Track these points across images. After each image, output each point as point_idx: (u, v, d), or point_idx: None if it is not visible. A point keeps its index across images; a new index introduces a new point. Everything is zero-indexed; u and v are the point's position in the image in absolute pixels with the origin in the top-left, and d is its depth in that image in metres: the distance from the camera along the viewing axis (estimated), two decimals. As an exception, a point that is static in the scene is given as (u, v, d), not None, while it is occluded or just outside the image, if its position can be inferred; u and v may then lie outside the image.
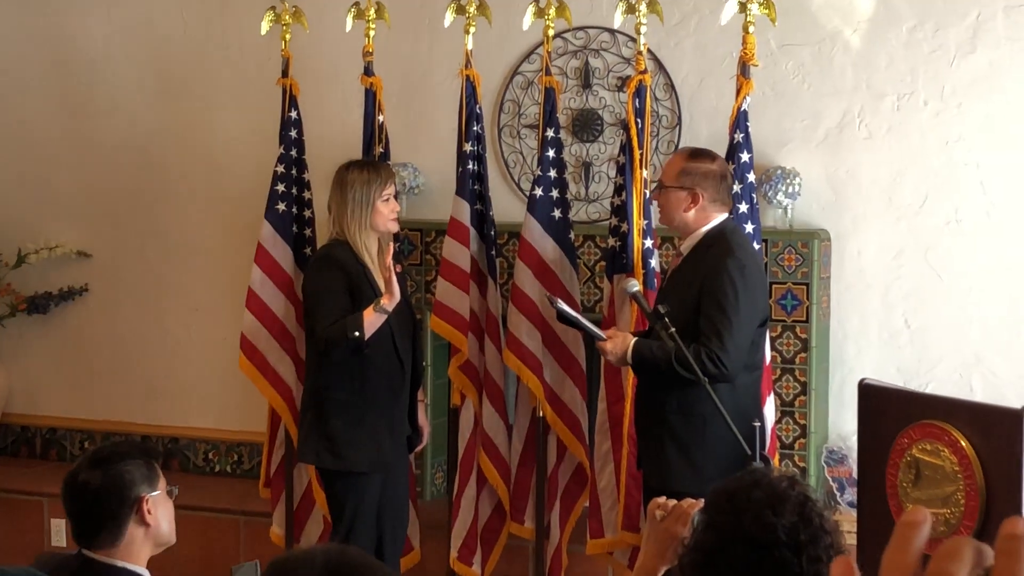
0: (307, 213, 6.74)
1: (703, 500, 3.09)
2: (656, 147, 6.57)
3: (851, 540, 5.08)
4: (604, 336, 5.60)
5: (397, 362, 5.87)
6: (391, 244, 5.98)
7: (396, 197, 6.00)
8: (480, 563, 6.40)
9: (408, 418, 6.02)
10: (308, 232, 6.75)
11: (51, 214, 7.96)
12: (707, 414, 5.37)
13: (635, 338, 5.53)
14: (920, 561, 0.92)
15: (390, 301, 5.64)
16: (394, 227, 6.03)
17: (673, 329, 5.36)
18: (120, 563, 3.81)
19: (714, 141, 6.14)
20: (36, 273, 7.87)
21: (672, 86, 6.69)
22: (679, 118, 6.70)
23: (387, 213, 5.85)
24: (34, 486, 7.46)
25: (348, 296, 5.73)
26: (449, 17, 6.29)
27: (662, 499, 3.50)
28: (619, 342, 5.52)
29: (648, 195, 6.13)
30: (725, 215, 5.58)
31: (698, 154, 5.66)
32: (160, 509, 3.91)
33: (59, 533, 6.89)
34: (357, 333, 5.61)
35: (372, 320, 5.60)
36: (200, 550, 6.91)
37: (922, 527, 0.93)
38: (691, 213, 5.47)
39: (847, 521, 5.40)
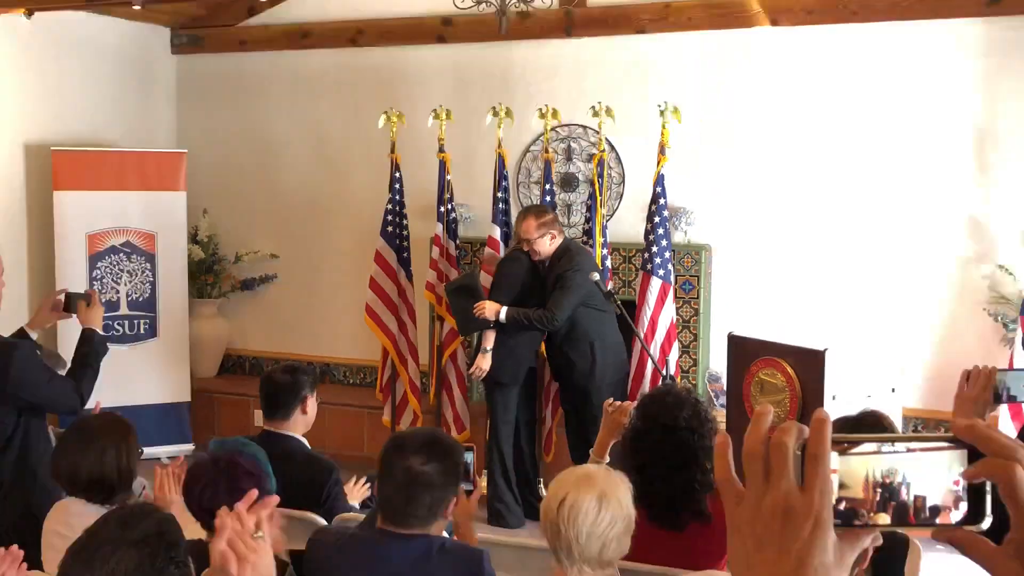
0: (404, 232, 6.69)
1: (636, 402, 3.31)
2: (610, 196, 6.64)
3: (723, 427, 5.09)
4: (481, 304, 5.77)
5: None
6: None
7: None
8: None
9: None
10: (405, 244, 6.70)
11: (256, 232, 7.98)
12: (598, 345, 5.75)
13: (505, 306, 5.72)
14: (767, 435, 0.87)
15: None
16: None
17: (617, 298, 5.69)
18: (289, 433, 3.91)
19: (645, 190, 6.23)
20: (247, 267, 7.94)
21: (619, 159, 6.74)
22: (623, 178, 6.76)
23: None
24: (244, 391, 7.46)
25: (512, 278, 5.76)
26: (489, 118, 6.40)
27: (612, 399, 3.61)
28: (492, 307, 5.74)
29: (605, 224, 6.27)
30: (562, 237, 5.91)
31: (540, 210, 5.96)
32: (312, 406, 4.00)
33: (259, 420, 6.81)
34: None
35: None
36: (342, 429, 6.92)
37: (768, 415, 0.88)
38: (554, 243, 5.82)
39: (720, 416, 5.47)
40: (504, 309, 5.73)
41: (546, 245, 5.82)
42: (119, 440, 3.27)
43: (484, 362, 5.68)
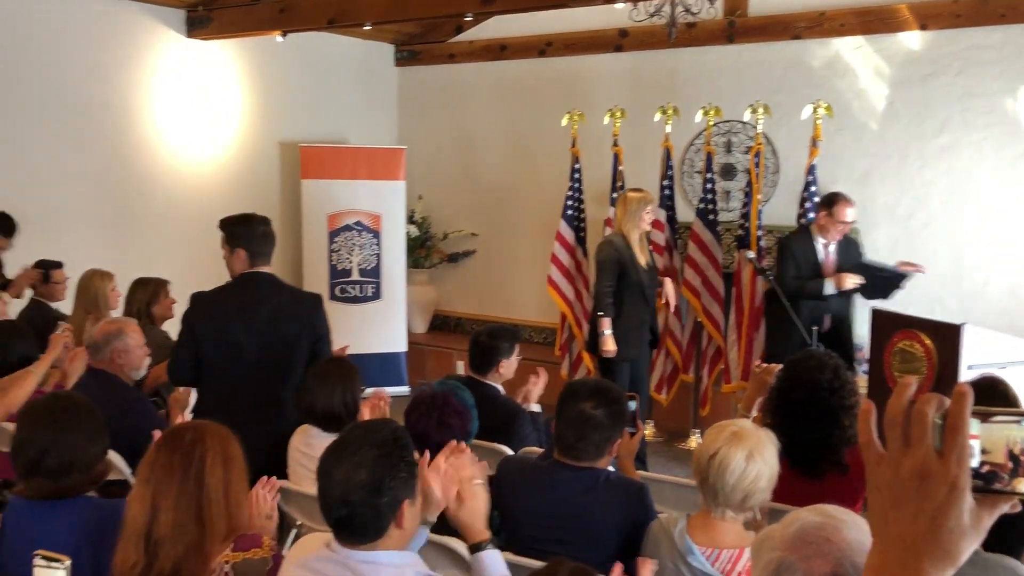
0: (582, 215, 6.67)
1: (783, 364, 3.19)
2: (765, 183, 6.39)
3: (864, 392, 4.72)
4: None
5: (643, 299, 5.37)
6: None
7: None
8: (666, 392, 6.41)
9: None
10: (582, 225, 6.67)
11: (460, 214, 8.08)
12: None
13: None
14: (909, 404, 0.84)
15: None
16: (648, 228, 5.45)
17: (769, 274, 5.47)
18: (489, 382, 3.98)
19: (798, 179, 6.05)
20: (452, 243, 8.12)
21: (775, 151, 6.56)
22: (778, 167, 6.59)
23: (648, 219, 5.41)
24: (448, 344, 7.69)
25: (618, 266, 5.23)
26: (657, 116, 6.31)
27: (760, 361, 3.60)
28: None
29: (761, 209, 6.01)
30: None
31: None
32: (508, 365, 4.02)
33: (460, 368, 6.65)
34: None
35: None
36: (525, 380, 7.23)
37: (911, 386, 0.84)
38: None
39: (862, 382, 5.09)
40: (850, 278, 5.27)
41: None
42: (346, 381, 3.38)
43: (611, 343, 5.25)
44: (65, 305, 5.27)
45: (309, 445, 3.34)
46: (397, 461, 1.93)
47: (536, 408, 4.05)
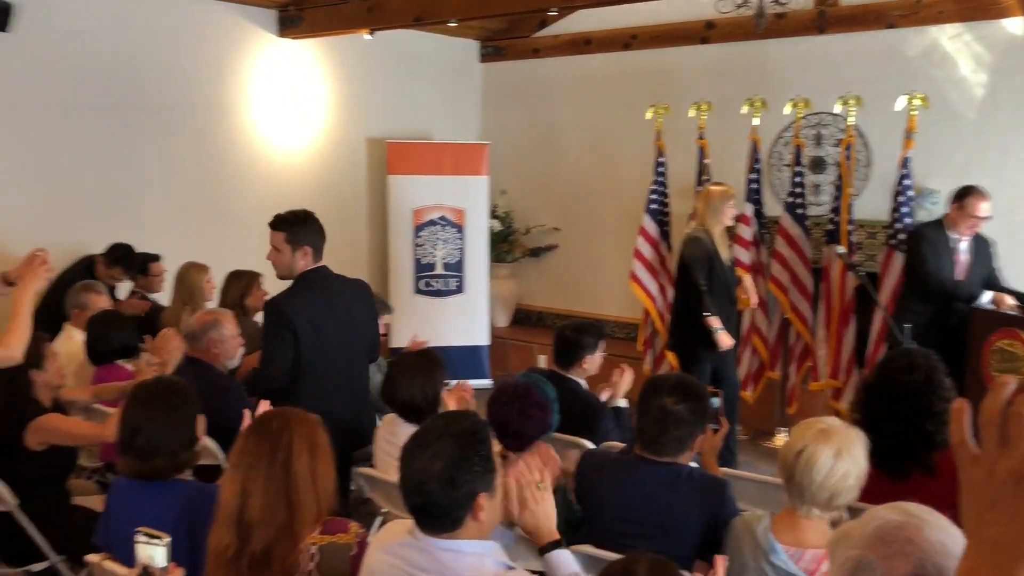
0: (666, 209, 6.61)
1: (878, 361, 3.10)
2: (857, 177, 6.21)
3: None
4: None
5: (727, 296, 5.22)
6: None
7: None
8: (752, 390, 6.31)
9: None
10: (666, 219, 6.61)
11: (542, 209, 8.09)
12: None
13: None
14: (1006, 404, 0.82)
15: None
16: (730, 223, 5.37)
17: (861, 270, 5.33)
18: (572, 376, 3.97)
19: (890, 172, 5.87)
20: (534, 238, 8.12)
21: (867, 143, 6.37)
22: (870, 160, 6.41)
23: (730, 214, 5.31)
24: (530, 338, 7.75)
25: (708, 262, 5.10)
26: (744, 108, 6.22)
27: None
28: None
29: (852, 203, 5.85)
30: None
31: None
32: (592, 361, 3.99)
33: (542, 362, 6.76)
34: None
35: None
36: (606, 375, 7.17)
37: (1008, 386, 0.82)
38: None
39: None
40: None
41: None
42: (428, 373, 3.44)
43: (727, 337, 5.10)
44: (163, 296, 5.50)
45: (394, 434, 3.41)
46: (472, 455, 1.94)
47: (623, 403, 4.05)
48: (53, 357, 3.53)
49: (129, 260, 5.41)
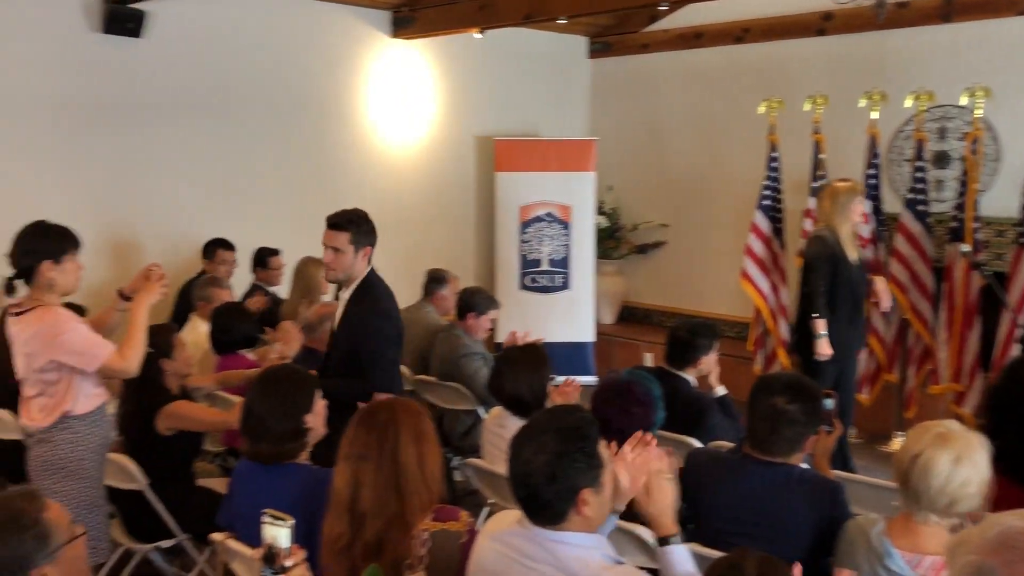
0: (779, 205, 6.49)
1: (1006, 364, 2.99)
2: (984, 172, 5.98)
3: None
4: None
5: (853, 298, 4.96)
6: None
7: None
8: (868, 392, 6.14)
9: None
10: (779, 215, 6.49)
11: (650, 205, 8.03)
12: None
13: None
14: None
15: None
16: (858, 220, 4.99)
17: (987, 269, 5.19)
18: (681, 375, 3.93)
19: (1020, 169, 5.73)
20: (642, 234, 8.05)
21: (995, 137, 6.09)
22: (999, 155, 6.14)
23: (858, 212, 4.98)
24: (636, 336, 7.69)
25: (830, 263, 4.84)
26: (862, 101, 6.06)
27: None
28: None
29: (978, 200, 5.64)
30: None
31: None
32: (706, 362, 3.94)
33: (648, 360, 6.66)
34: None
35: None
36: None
37: None
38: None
39: None
40: None
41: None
42: (533, 368, 3.49)
43: (827, 346, 4.89)
44: (281, 289, 5.73)
45: (502, 427, 3.45)
46: (575, 451, 1.95)
47: (722, 390, 3.99)
48: (181, 346, 3.69)
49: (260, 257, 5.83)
